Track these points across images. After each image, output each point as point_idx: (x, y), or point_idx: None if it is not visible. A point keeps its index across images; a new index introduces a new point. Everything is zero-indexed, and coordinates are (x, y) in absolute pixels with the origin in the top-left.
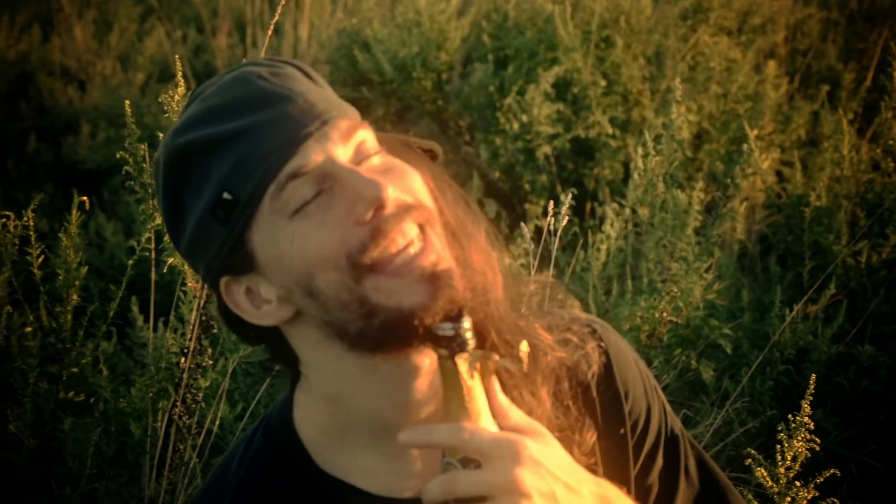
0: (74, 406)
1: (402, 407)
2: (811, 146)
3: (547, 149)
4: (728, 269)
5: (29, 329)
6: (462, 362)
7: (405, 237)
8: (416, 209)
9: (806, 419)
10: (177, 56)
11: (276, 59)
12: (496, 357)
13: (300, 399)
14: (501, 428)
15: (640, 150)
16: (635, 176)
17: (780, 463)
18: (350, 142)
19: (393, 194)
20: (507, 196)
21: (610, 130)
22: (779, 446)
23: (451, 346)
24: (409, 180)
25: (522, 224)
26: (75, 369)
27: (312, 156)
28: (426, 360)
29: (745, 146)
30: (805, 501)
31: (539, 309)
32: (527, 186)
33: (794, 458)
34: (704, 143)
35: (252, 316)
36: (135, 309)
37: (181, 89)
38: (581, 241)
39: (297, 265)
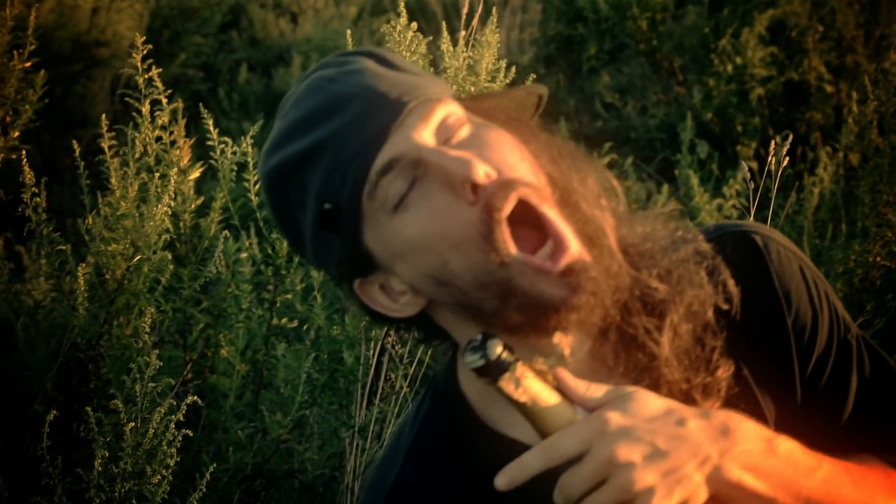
0: (286, 333)
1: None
2: None
3: (760, 91)
4: None
5: (243, 255)
6: (508, 384)
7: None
8: (520, 185)
9: None
10: None
11: (346, 53)
12: (540, 360)
13: (462, 362)
14: (588, 408)
15: (854, 95)
16: (849, 121)
17: None
18: (431, 121)
19: (483, 168)
20: (719, 138)
21: (827, 76)
22: None
23: (489, 374)
24: (501, 151)
25: (743, 164)
26: (288, 296)
27: (396, 147)
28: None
29: None
30: None
31: (662, 245)
32: (739, 129)
33: None
34: None
35: (392, 310)
36: None
37: (403, 20)
38: (795, 184)
39: (421, 257)
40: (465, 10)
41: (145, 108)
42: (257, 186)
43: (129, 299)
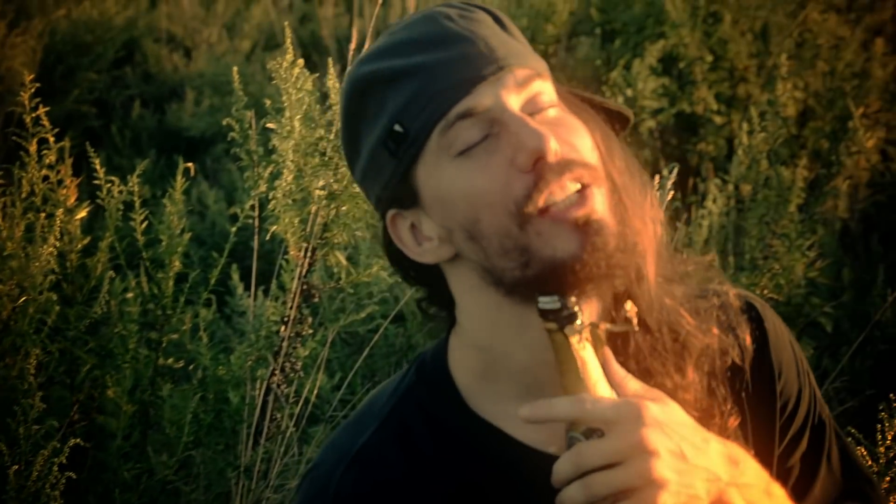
0: (173, 373)
1: (552, 364)
2: None
3: (651, 123)
4: (830, 247)
5: (130, 295)
6: (572, 334)
7: (564, 191)
8: (579, 166)
9: None
10: (286, 23)
11: (470, 2)
12: (605, 325)
13: (454, 343)
14: (620, 396)
15: (745, 127)
16: (739, 152)
17: (879, 442)
18: (524, 91)
19: (555, 147)
20: None
21: (715, 106)
22: (879, 425)
23: (558, 318)
24: (577, 137)
25: None
26: (175, 336)
27: (483, 99)
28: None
29: (850, 124)
30: None
31: (693, 290)
32: None
33: (894, 438)
34: (809, 120)
35: (413, 252)
36: (235, 277)
37: (289, 56)
38: (684, 217)
39: (460, 207)
40: (353, 45)
41: (32, 147)
42: (143, 225)
43: (15, 340)
